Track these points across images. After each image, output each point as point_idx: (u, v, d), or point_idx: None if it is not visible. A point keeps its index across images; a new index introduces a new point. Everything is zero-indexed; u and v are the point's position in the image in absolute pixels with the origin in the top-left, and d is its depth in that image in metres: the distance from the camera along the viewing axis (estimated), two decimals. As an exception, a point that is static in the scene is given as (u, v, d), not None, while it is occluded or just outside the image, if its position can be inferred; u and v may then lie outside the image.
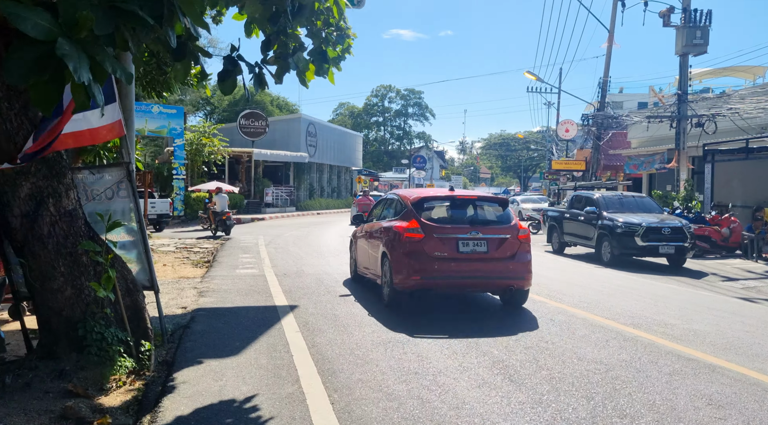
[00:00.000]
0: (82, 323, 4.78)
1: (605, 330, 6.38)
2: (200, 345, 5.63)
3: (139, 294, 5.29)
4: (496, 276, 7.04)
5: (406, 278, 6.94)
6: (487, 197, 7.99)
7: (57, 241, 4.77)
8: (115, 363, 4.74)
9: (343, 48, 6.24)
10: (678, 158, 19.60)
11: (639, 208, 14.50)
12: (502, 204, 7.74)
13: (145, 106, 25.44)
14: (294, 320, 6.68)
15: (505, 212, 7.58)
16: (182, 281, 9.68)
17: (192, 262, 12.23)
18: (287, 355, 5.27)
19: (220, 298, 8.06)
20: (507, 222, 7.37)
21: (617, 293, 9.09)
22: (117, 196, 5.31)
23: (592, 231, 14.29)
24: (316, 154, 41.73)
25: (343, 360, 5.14)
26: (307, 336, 5.98)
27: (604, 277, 11.15)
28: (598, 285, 9.92)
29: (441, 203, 7.68)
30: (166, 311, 7.25)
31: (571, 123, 37.20)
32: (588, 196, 15.28)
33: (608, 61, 26.44)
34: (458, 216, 7.52)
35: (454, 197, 7.68)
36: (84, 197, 5.19)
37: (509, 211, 7.63)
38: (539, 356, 5.31)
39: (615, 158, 29.55)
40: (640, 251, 13.00)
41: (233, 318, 6.79)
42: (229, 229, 17.63)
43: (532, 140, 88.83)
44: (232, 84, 4.92)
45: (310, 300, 7.92)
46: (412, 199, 7.60)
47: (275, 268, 11.12)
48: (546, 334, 6.12)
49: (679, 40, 18.93)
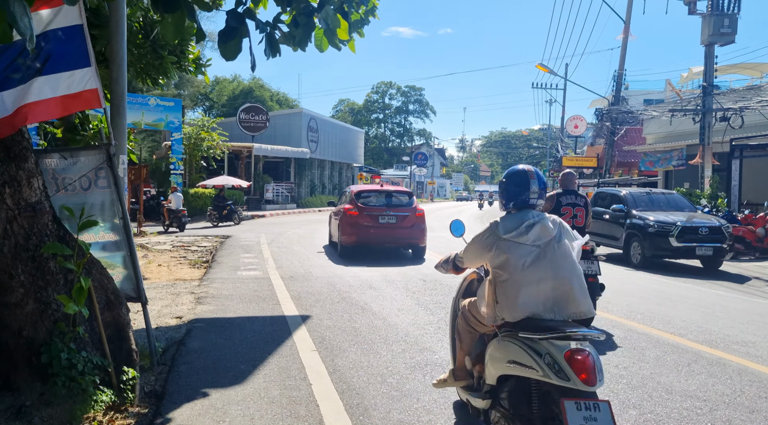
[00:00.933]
0: (47, 346, 3.78)
1: (679, 350, 5.39)
2: (197, 369, 4.62)
3: (122, 308, 4.27)
4: (402, 237, 11.87)
5: (348, 238, 11.74)
6: (399, 191, 12.80)
7: (15, 242, 3.77)
8: (88, 396, 3.74)
9: (367, 9, 5.22)
10: (702, 154, 18.61)
11: (669, 206, 13.52)
12: (408, 195, 12.61)
13: (142, 98, 24.38)
14: (308, 335, 5.68)
15: (409, 200, 12.39)
16: (178, 284, 8.68)
17: (189, 262, 11.23)
18: (304, 384, 4.27)
19: (221, 306, 7.05)
20: (410, 206, 12.13)
21: (665, 301, 8.10)
22: (95, 186, 4.29)
23: (619, 231, 13.30)
24: (318, 150, 40.69)
25: (374, 391, 4.14)
26: (325, 356, 4.98)
27: (640, 281, 10.16)
28: (639, 291, 8.94)
29: (371, 194, 12.34)
30: (159, 321, 6.25)
31: (580, 119, 36.22)
32: (614, 193, 14.27)
33: (623, 53, 25.46)
34: (380, 201, 12.09)
35: (379, 190, 12.52)
36: (53, 187, 4.17)
37: (413, 199, 12.50)
38: (616, 386, 4.32)
39: (628, 155, 28.57)
40: (675, 253, 12.01)
41: (236, 332, 5.78)
42: (183, 226, 18.98)
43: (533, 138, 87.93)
44: (236, 47, 3.91)
45: (323, 309, 6.92)
46: (354, 191, 12.37)
47: (280, 270, 10.12)
48: (612, 356, 5.13)
49: (705, 29, 17.92)
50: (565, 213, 6.56)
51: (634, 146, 27.58)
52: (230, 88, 55.22)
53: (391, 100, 78.83)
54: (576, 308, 2.84)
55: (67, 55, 3.93)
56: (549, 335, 2.64)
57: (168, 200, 19.36)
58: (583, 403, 2.50)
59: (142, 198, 19.09)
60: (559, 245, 2.96)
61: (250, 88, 54.49)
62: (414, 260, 11.70)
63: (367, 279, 9.16)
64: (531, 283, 2.85)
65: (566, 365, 2.54)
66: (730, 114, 18.40)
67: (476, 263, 3.28)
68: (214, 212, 21.84)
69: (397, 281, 9.03)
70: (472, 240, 3.18)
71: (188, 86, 42.59)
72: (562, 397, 2.52)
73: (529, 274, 2.87)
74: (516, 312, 2.84)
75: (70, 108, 4.12)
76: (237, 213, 22.44)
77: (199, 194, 25.89)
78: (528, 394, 2.76)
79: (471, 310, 3.35)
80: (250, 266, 10.64)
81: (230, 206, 22.17)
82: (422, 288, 8.45)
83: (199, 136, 27.42)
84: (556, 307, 2.83)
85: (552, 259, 2.90)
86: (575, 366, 2.52)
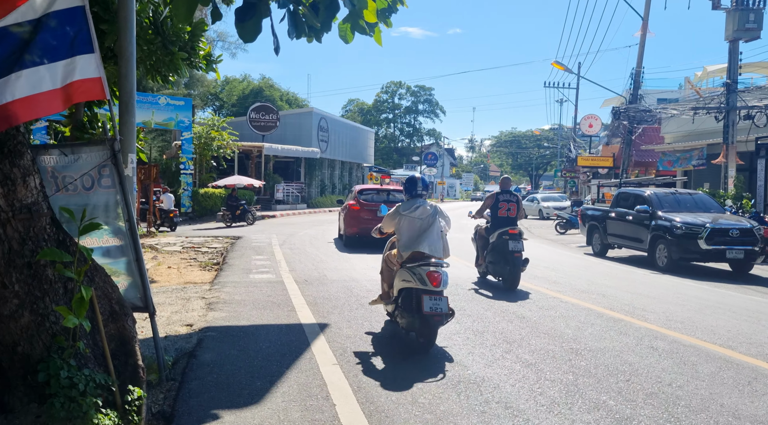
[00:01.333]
0: (44, 363, 3.40)
1: (734, 366, 4.93)
2: (209, 386, 4.23)
3: (128, 319, 3.89)
4: None
5: (350, 229, 13.85)
6: (395, 189, 15.05)
7: (9, 247, 3.39)
8: (90, 418, 3.35)
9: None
10: (726, 153, 18.02)
11: (696, 206, 12.99)
12: None
13: (152, 97, 24.16)
14: (327, 346, 5.27)
15: None
16: (188, 288, 8.31)
17: (200, 264, 10.88)
18: (327, 405, 3.86)
19: (233, 312, 6.67)
20: None
21: (704, 308, 7.62)
22: (98, 185, 3.91)
23: (643, 232, 12.79)
24: (328, 149, 40.33)
25: (405, 414, 3.73)
26: (348, 371, 4.57)
27: (672, 286, 9.67)
28: (672, 297, 8.46)
29: (371, 192, 14.83)
30: (168, 329, 5.88)
31: (595, 118, 35.59)
32: (637, 193, 13.76)
33: (641, 50, 24.83)
34: (379, 198, 14.25)
35: (379, 188, 15.28)
36: (52, 187, 3.80)
37: None
38: (675, 409, 3.87)
39: (646, 154, 27.93)
40: (704, 256, 11.49)
41: (251, 342, 5.39)
42: (174, 226, 19.22)
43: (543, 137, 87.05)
44: (255, 26, 3.52)
45: (341, 316, 6.52)
46: (357, 190, 14.81)
47: (294, 273, 9.73)
48: (661, 373, 4.68)
49: (729, 24, 17.35)
50: (501, 207, 8.87)
51: (651, 145, 26.96)
52: (240, 88, 55.02)
53: (401, 100, 78.32)
54: (436, 252, 5.28)
55: (67, 41, 3.55)
56: (420, 264, 5.14)
57: (160, 200, 19.46)
58: (432, 297, 5.00)
59: (152, 198, 18.80)
60: (432, 219, 5.38)
61: (260, 88, 54.26)
62: None
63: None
64: (415, 238, 5.29)
65: (426, 278, 5.01)
66: (755, 112, 17.81)
67: (390, 229, 5.64)
68: (227, 213, 21.56)
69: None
70: (386, 216, 5.63)
71: (198, 86, 42.41)
72: (422, 294, 5.00)
73: (414, 233, 5.33)
74: (407, 251, 5.28)
75: (72, 99, 3.72)
76: (251, 213, 22.15)
77: (209, 194, 25.57)
78: (410, 296, 5.17)
79: (389, 257, 5.76)
80: (262, 268, 10.26)
81: (243, 205, 21.87)
82: (444, 293, 8.03)
83: (209, 135, 27.13)
84: (426, 250, 5.22)
85: (427, 226, 5.34)
86: (430, 278, 5.01)
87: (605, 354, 5.17)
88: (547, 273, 10.58)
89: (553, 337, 5.75)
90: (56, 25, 3.54)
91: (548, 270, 11.08)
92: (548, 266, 11.67)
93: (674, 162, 24.64)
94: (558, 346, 5.40)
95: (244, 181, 26.03)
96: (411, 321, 5.06)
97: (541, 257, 13.61)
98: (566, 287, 9.06)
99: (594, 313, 6.99)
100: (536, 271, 10.80)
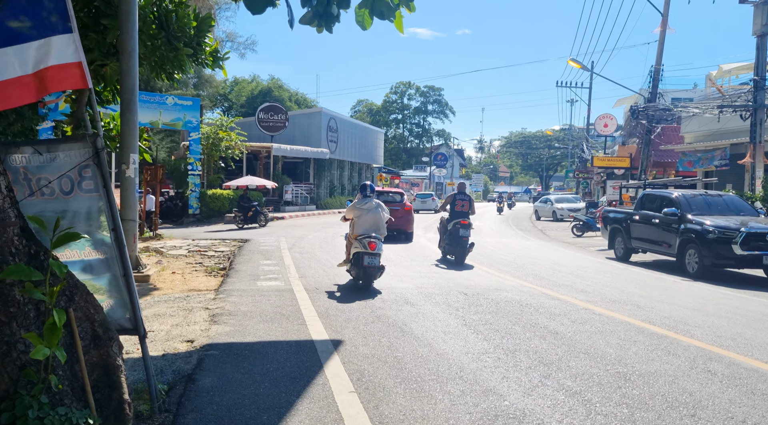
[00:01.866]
0: (9, 401, 2.86)
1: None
2: (209, 419, 3.66)
3: (113, 345, 3.34)
4: (393, 225, 12.13)
5: None
6: (394, 191, 18.61)
7: (-31, 263, 2.85)
8: (64, 468, 2.82)
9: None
10: (753, 153, 17.28)
11: (727, 209, 12.32)
12: (400, 195, 18.15)
13: (159, 97, 23.71)
14: (342, 368, 4.70)
15: (401, 198, 17.73)
16: (192, 296, 7.79)
17: (205, 269, 10.36)
18: (346, 446, 3.29)
19: (239, 326, 6.11)
20: (401, 202, 17.35)
21: (752, 322, 6.97)
22: (78, 189, 3.36)
23: (671, 237, 12.13)
24: (337, 150, 39.82)
25: (438, 458, 3.15)
26: (367, 400, 3.99)
27: (708, 296, 9.02)
28: (713, 308, 7.82)
29: None
30: (167, 345, 5.34)
31: (610, 117, 34.83)
32: (664, 195, 13.09)
33: (661, 47, 24.07)
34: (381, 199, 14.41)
35: (380, 190, 17.29)
36: (24, 190, 3.26)
37: (404, 198, 17.98)
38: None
39: (665, 154, 27.15)
40: (738, 262, 10.82)
41: (257, 364, 4.83)
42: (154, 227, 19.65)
43: (554, 138, 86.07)
44: None
45: (356, 331, 5.95)
46: None
47: (303, 280, 9.18)
48: (729, 405, 4.05)
49: (757, 18, 16.64)
50: (457, 204, 11.82)
51: (671, 145, 26.18)
52: (249, 88, 54.67)
53: (410, 100, 77.68)
54: (377, 230, 8.39)
55: (39, 18, 3.02)
56: (365, 236, 8.21)
57: (141, 202, 19.09)
58: (370, 256, 8.11)
59: (158, 200, 18.33)
60: (376, 211, 8.48)
61: (269, 88, 53.88)
62: (405, 240, 16.41)
63: (401, 292, 8.18)
64: (365, 223, 8.37)
65: (367, 245, 8.09)
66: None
67: (350, 216, 8.56)
68: (239, 214, 21.06)
69: (435, 295, 8.04)
70: (349, 207, 8.68)
71: (207, 87, 42.04)
72: (364, 255, 8.10)
73: (364, 219, 8.38)
74: (360, 232, 8.30)
75: (47, 88, 3.19)
76: (263, 215, 21.63)
77: (217, 195, 25.09)
78: (358, 256, 8.15)
79: (350, 233, 8.63)
80: (270, 275, 9.72)
81: (256, 207, 21.36)
82: (465, 304, 7.45)
83: (218, 136, 26.68)
84: (371, 230, 8.33)
85: (373, 215, 8.43)
86: (370, 245, 8.09)
87: (658, 379, 4.56)
88: (572, 280, 9.95)
89: (594, 358, 5.14)
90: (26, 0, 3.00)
91: (572, 277, 10.45)
92: (572, 273, 11.03)
93: (695, 162, 23.87)
94: (602, 369, 4.80)
95: (257, 182, 25.54)
96: (357, 271, 8.20)
97: (562, 262, 12.97)
98: (596, 296, 8.43)
99: (634, 328, 6.37)
100: (560, 278, 10.18)
